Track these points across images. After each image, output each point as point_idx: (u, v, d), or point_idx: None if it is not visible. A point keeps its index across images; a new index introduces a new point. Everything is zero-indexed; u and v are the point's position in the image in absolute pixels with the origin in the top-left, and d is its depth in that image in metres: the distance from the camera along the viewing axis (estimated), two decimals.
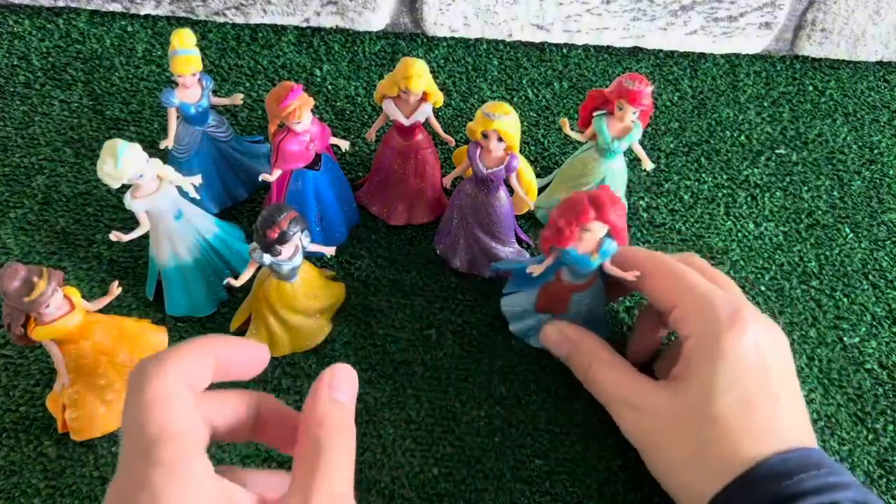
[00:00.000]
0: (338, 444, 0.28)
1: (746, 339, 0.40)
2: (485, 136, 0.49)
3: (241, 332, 0.51)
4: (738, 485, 0.37)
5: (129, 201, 0.46)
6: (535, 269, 0.47)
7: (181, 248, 0.49)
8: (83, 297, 0.45)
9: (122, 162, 0.42)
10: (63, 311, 0.42)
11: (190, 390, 0.28)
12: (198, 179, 0.48)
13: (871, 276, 0.59)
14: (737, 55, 0.76)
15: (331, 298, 0.52)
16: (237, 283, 0.46)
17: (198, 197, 0.49)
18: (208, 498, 0.25)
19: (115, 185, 0.44)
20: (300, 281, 0.48)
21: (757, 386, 0.39)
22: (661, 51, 0.75)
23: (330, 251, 0.49)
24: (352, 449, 0.29)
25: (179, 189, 0.48)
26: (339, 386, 0.30)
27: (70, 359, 0.44)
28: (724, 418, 0.38)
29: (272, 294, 0.48)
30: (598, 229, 0.43)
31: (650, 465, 0.42)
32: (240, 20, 0.72)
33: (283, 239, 0.42)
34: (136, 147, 0.44)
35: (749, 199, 0.64)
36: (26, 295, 0.39)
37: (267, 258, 0.44)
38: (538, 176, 0.60)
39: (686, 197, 0.63)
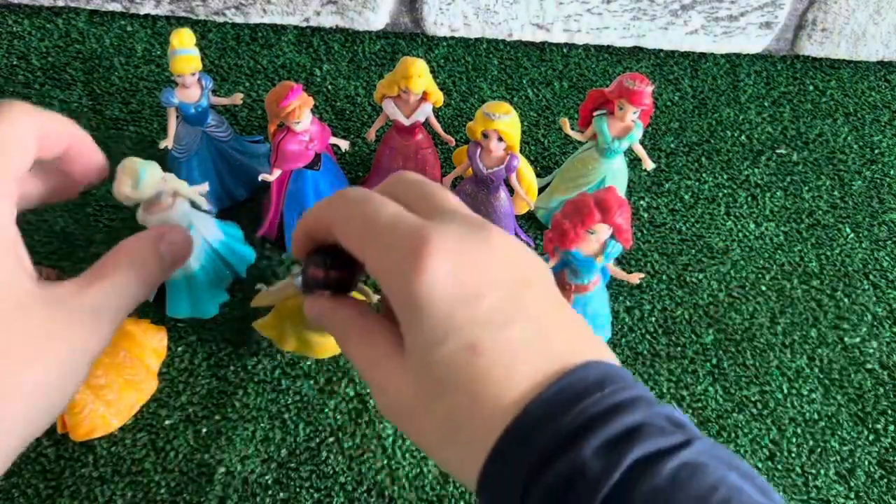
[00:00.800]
0: (134, 271, 0.34)
1: (439, 275, 0.29)
2: (485, 135, 0.49)
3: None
4: (503, 448, 0.27)
5: (142, 217, 0.45)
6: None
7: (190, 258, 0.49)
8: None
9: (143, 184, 0.42)
10: None
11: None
12: (205, 188, 0.48)
13: (871, 276, 0.59)
14: (737, 55, 0.75)
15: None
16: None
17: (212, 211, 0.49)
18: None
19: (130, 204, 0.43)
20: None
21: (473, 322, 0.29)
22: (661, 50, 0.75)
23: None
24: (144, 282, 0.34)
25: (192, 202, 0.48)
26: (168, 237, 0.36)
27: None
28: (449, 377, 0.29)
29: (296, 311, 0.46)
30: (603, 231, 0.43)
31: (426, 452, 0.34)
32: (239, 20, 0.72)
33: (321, 285, 0.38)
34: (155, 166, 0.43)
35: (750, 198, 0.64)
36: None
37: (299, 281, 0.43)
38: (538, 176, 0.60)
39: (686, 197, 0.63)
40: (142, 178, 0.41)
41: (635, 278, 0.47)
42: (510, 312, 0.30)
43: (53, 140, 0.35)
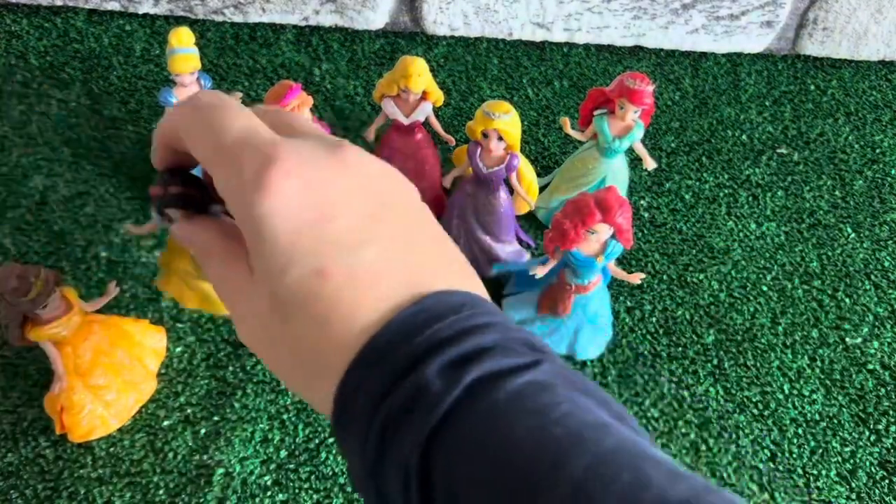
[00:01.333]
0: None
1: (285, 197, 0.27)
2: (485, 135, 0.49)
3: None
4: (353, 374, 0.26)
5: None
6: (539, 271, 0.47)
7: None
8: (81, 297, 0.44)
9: None
10: (60, 311, 0.42)
11: None
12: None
13: (873, 277, 0.59)
14: (738, 54, 0.75)
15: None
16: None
17: None
18: None
19: None
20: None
21: (322, 246, 0.27)
22: (662, 49, 0.75)
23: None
24: None
25: None
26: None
27: (68, 359, 0.44)
28: (296, 303, 0.28)
29: (176, 245, 0.48)
30: (603, 231, 0.43)
31: (283, 382, 0.32)
32: (238, 19, 0.72)
33: (165, 204, 0.39)
34: None
35: (750, 198, 0.63)
36: (23, 294, 0.39)
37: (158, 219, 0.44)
38: (539, 175, 0.60)
39: (687, 196, 0.63)
40: None
41: (636, 278, 0.47)
42: (364, 235, 0.28)
43: None
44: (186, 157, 0.30)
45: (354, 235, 0.28)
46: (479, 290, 0.29)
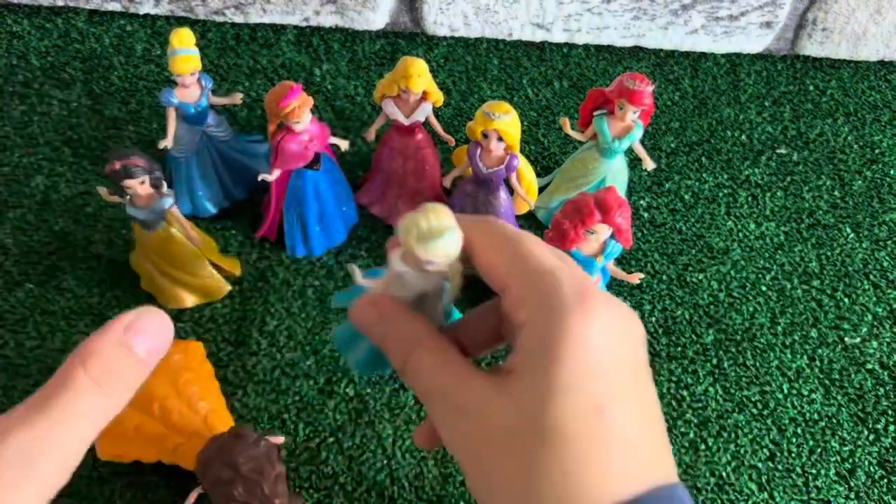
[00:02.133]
0: (91, 393, 0.25)
1: (596, 328, 0.29)
2: (485, 135, 0.49)
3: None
4: None
5: (394, 260, 0.34)
6: None
7: None
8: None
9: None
10: None
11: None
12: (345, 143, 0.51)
13: (872, 276, 0.59)
14: (738, 54, 0.75)
15: (196, 279, 0.51)
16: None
17: None
18: None
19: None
20: (157, 238, 0.49)
21: (607, 387, 0.28)
22: (661, 50, 0.75)
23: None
24: (109, 408, 0.25)
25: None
26: (140, 330, 0.26)
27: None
28: (563, 428, 0.27)
29: (139, 236, 0.50)
30: (603, 231, 0.43)
31: (473, 487, 0.30)
32: (239, 19, 0.72)
33: (115, 176, 0.44)
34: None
35: (750, 198, 0.64)
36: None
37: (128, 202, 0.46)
38: (538, 176, 0.60)
39: (687, 197, 0.63)
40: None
41: (635, 278, 0.47)
42: (634, 392, 0.29)
43: None
44: None
45: (629, 389, 0.29)
46: (675, 473, 0.30)
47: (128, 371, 0.25)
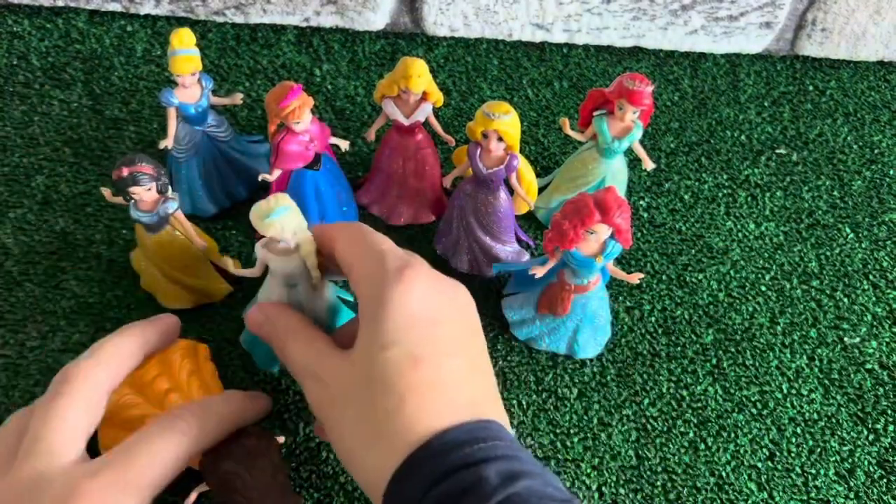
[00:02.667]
0: (164, 438, 0.35)
1: (414, 293, 0.35)
2: (485, 135, 0.49)
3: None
4: (414, 461, 0.32)
5: (258, 248, 0.44)
6: (538, 271, 0.47)
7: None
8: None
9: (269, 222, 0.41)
10: None
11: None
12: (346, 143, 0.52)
13: (871, 277, 0.59)
14: (737, 55, 0.75)
15: (197, 280, 0.51)
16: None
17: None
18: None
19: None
20: (159, 241, 0.49)
21: (424, 341, 0.34)
22: (661, 50, 0.75)
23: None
24: (177, 449, 0.35)
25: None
26: (189, 412, 0.38)
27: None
28: (386, 377, 0.33)
29: (140, 238, 0.50)
30: (602, 231, 0.43)
31: (332, 442, 0.37)
32: (239, 20, 0.72)
33: (121, 183, 0.45)
34: (294, 213, 0.41)
35: (749, 198, 0.64)
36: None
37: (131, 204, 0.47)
38: (538, 176, 0.60)
39: (686, 197, 0.63)
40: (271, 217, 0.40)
41: (635, 278, 0.47)
42: (456, 348, 0.35)
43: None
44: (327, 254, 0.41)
45: (450, 345, 0.35)
46: (508, 423, 0.36)
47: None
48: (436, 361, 0.34)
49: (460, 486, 0.30)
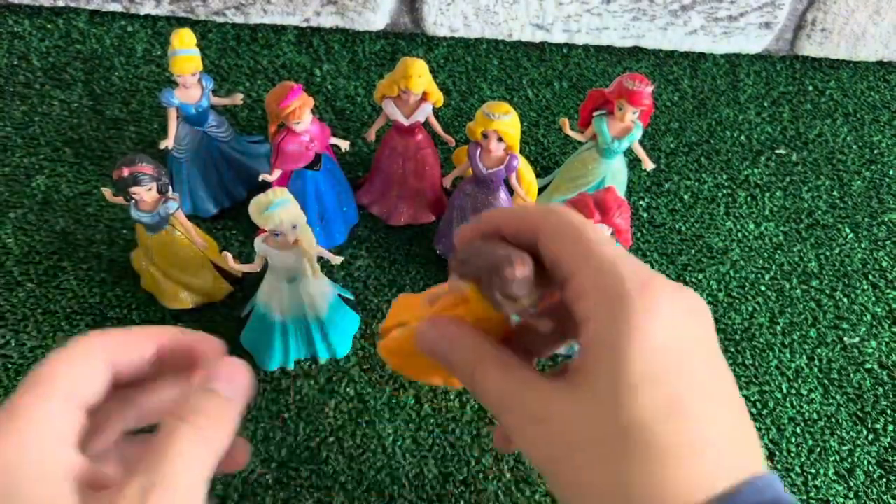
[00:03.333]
0: (191, 435, 0.27)
1: (662, 321, 0.28)
2: (485, 135, 0.49)
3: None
4: None
5: (257, 243, 0.45)
6: None
7: (275, 305, 0.48)
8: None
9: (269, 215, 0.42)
10: None
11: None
12: (339, 259, 0.49)
13: (871, 276, 0.59)
14: (737, 55, 0.76)
15: (197, 280, 0.52)
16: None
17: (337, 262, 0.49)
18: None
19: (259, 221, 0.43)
20: (160, 240, 0.49)
21: (682, 380, 0.28)
22: (661, 51, 0.75)
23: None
24: (212, 442, 0.27)
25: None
26: (219, 377, 0.29)
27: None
28: (641, 431, 0.27)
29: (141, 238, 0.50)
30: None
31: (560, 494, 0.31)
32: (240, 20, 0.72)
33: (122, 183, 0.45)
34: (292, 206, 0.43)
35: (749, 198, 0.64)
36: None
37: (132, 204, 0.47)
38: (538, 176, 0.60)
39: (686, 197, 0.63)
40: (270, 210, 0.41)
41: None
42: (715, 385, 0.28)
43: (131, 353, 0.31)
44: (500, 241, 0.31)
45: (709, 382, 0.28)
46: (761, 461, 0.29)
47: (207, 405, 0.28)
48: (694, 405, 0.28)
49: None
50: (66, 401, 0.28)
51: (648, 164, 0.55)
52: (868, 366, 0.54)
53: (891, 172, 0.67)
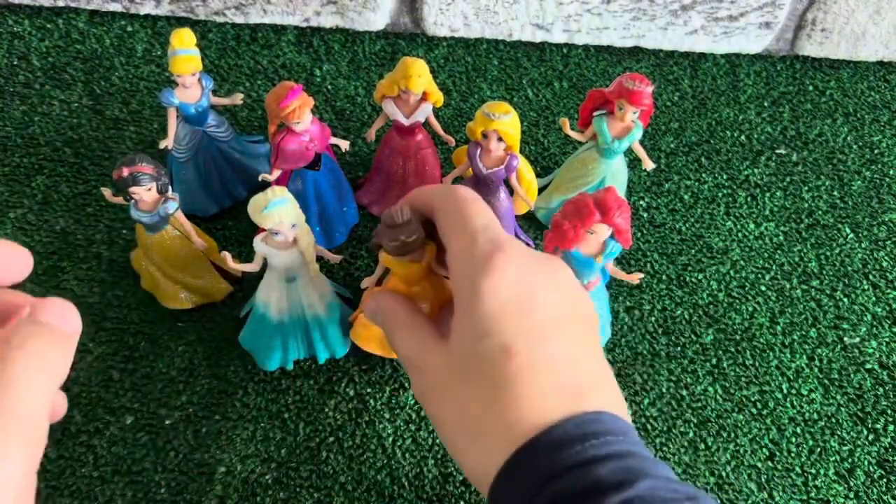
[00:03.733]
0: (27, 360, 0.25)
1: (505, 279, 0.33)
2: (485, 135, 0.49)
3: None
4: (522, 456, 0.30)
5: (256, 243, 0.45)
6: None
7: (274, 305, 0.48)
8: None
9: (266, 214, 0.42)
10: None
11: None
12: (338, 258, 0.48)
13: (871, 276, 0.59)
14: (737, 55, 0.76)
15: (197, 280, 0.52)
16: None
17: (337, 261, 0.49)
18: None
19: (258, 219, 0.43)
20: (160, 240, 0.49)
21: (518, 329, 0.32)
22: (661, 50, 0.75)
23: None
24: (50, 368, 0.26)
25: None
26: (46, 310, 0.28)
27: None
28: (482, 369, 0.32)
29: (140, 238, 0.49)
30: (602, 231, 0.43)
31: (441, 437, 0.36)
32: (239, 20, 0.72)
33: (122, 183, 0.45)
34: (292, 205, 0.43)
35: (749, 198, 0.64)
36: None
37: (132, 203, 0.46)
38: (538, 176, 0.60)
39: (686, 197, 0.63)
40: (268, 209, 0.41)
41: (635, 278, 0.47)
42: (552, 333, 0.33)
43: None
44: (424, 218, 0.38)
45: (544, 330, 0.33)
46: (625, 411, 0.34)
47: (37, 333, 0.26)
48: (531, 349, 0.32)
49: (573, 487, 0.29)
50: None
51: (648, 164, 0.55)
52: (868, 366, 0.54)
53: (891, 172, 0.67)
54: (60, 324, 0.28)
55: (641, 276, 0.47)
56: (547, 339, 0.33)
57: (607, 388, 0.34)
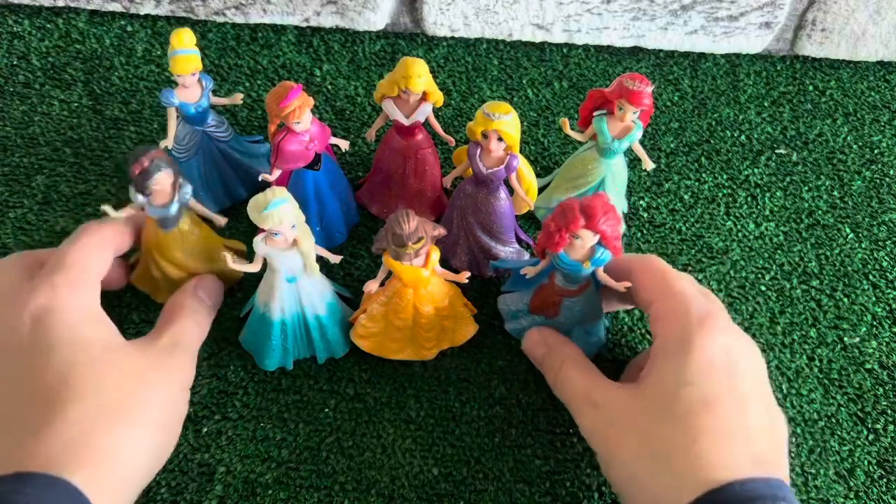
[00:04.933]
0: (190, 316, 0.46)
1: (716, 341, 0.39)
2: (485, 135, 0.49)
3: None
4: (715, 500, 0.34)
5: (257, 243, 0.45)
6: (529, 271, 0.47)
7: (274, 305, 0.48)
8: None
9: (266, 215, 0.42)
10: None
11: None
12: (338, 258, 0.48)
13: (871, 276, 0.59)
14: (737, 55, 0.76)
15: (215, 265, 0.51)
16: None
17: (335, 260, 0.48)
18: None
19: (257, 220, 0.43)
20: (179, 234, 0.48)
21: (722, 386, 0.38)
22: (661, 50, 0.75)
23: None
24: (199, 323, 0.47)
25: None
26: (201, 286, 0.49)
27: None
28: (682, 414, 0.37)
29: (150, 237, 0.49)
30: (588, 237, 0.43)
31: (609, 471, 0.40)
32: (239, 20, 0.72)
33: (146, 176, 0.44)
34: (291, 204, 0.43)
35: (749, 198, 0.64)
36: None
37: (140, 198, 0.45)
38: (538, 176, 0.60)
39: (686, 197, 0.63)
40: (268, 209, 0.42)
41: (622, 287, 0.46)
42: (750, 394, 0.38)
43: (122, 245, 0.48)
44: None
45: (743, 390, 0.38)
46: (785, 469, 0.39)
47: (193, 301, 0.48)
48: (731, 408, 0.37)
49: None
50: (96, 277, 0.44)
51: (648, 164, 0.55)
52: (868, 366, 0.54)
53: (891, 172, 0.67)
54: (205, 299, 0.49)
55: (629, 284, 0.45)
56: (746, 402, 0.38)
57: (785, 460, 0.39)
